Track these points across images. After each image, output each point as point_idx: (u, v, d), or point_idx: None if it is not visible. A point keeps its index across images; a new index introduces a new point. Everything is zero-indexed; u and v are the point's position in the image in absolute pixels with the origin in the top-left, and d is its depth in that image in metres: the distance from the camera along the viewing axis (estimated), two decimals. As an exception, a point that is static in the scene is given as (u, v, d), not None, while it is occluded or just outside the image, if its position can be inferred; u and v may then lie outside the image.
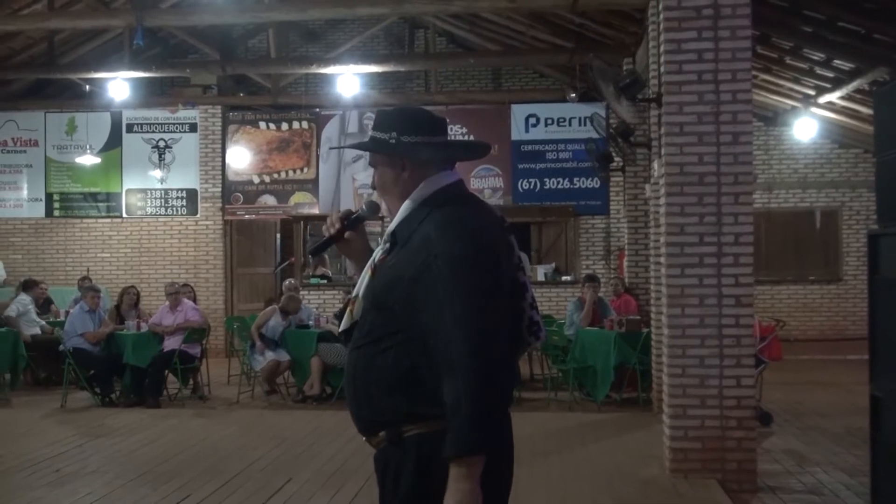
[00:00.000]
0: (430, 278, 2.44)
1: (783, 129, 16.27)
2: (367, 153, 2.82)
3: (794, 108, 15.07)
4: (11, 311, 12.00)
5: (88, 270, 15.70)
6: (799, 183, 16.76)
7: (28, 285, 12.91)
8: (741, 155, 6.86)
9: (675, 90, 6.94)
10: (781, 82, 14.07)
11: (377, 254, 2.69)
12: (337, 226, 2.81)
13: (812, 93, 13.81)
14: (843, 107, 14.12)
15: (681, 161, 6.91)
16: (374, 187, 2.78)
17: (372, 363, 2.57)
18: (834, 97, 13.26)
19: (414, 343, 2.49)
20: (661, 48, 7.12)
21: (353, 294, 2.69)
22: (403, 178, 2.68)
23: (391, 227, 2.66)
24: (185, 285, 13.03)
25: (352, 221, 2.83)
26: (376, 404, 2.56)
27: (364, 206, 2.86)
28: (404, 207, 2.65)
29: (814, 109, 14.56)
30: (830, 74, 12.61)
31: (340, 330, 2.70)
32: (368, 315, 2.62)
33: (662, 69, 7.13)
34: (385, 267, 2.61)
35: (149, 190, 16.43)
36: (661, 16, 7.10)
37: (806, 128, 15.11)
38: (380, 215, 2.88)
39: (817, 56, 12.06)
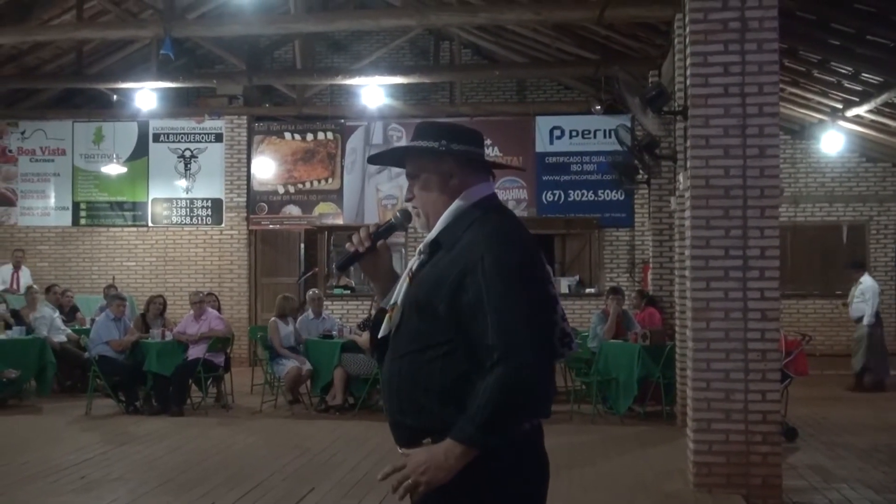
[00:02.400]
0: (476, 278, 2.47)
1: (810, 143, 16.16)
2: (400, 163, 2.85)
3: (821, 121, 14.97)
4: (43, 331, 12.06)
5: (114, 279, 15.81)
6: (826, 196, 16.63)
7: (46, 290, 13.12)
8: (768, 168, 6.81)
9: (701, 103, 6.91)
10: (809, 95, 13.99)
11: (413, 263, 2.70)
12: (367, 244, 2.80)
13: (840, 106, 13.72)
14: (872, 120, 14.03)
15: (706, 174, 6.88)
16: (408, 199, 2.78)
17: (419, 372, 2.57)
18: (862, 110, 13.17)
19: (461, 352, 2.50)
20: (688, 61, 7.10)
21: (392, 302, 2.69)
22: (451, 186, 2.70)
23: (433, 234, 2.68)
24: (210, 294, 13.10)
25: (384, 230, 2.82)
26: (424, 413, 2.55)
27: (398, 214, 2.84)
28: (447, 214, 2.67)
29: (841, 123, 14.47)
30: (858, 88, 12.53)
31: (380, 336, 2.69)
32: (410, 322, 2.62)
33: (689, 82, 7.11)
34: (427, 270, 2.63)
35: (174, 199, 16.54)
36: (688, 28, 7.07)
37: (833, 141, 15.02)
38: (411, 225, 2.86)
39: (845, 69, 11.99)
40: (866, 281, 13.15)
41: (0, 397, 11.05)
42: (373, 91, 15.05)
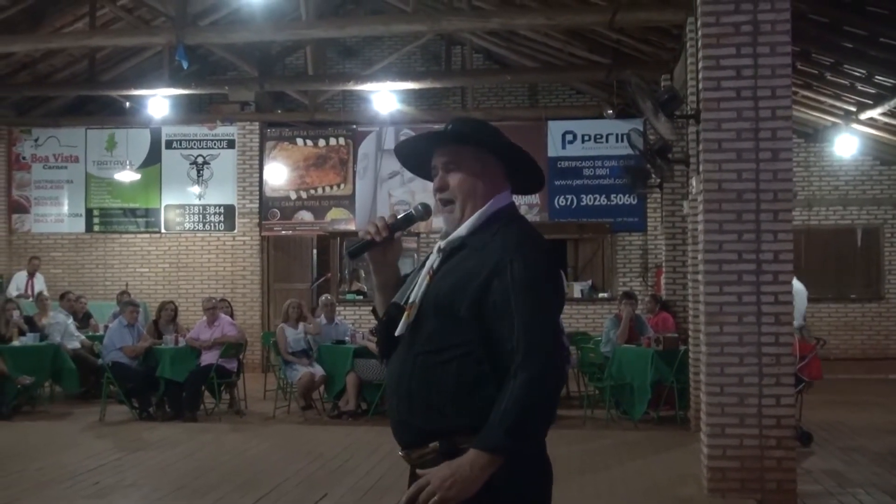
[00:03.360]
0: (504, 281, 2.48)
1: (823, 146, 16.09)
2: (437, 157, 2.77)
3: (834, 124, 14.91)
4: (56, 337, 12.12)
5: (127, 285, 15.84)
6: (840, 200, 16.55)
7: (61, 297, 13.18)
8: (781, 172, 6.79)
9: (713, 106, 6.89)
10: (822, 98, 13.94)
11: (434, 261, 2.67)
12: (384, 234, 2.77)
13: (853, 109, 13.66)
14: (886, 123, 13.96)
15: (719, 178, 6.86)
16: (440, 188, 2.72)
17: (432, 372, 2.54)
18: (875, 113, 13.10)
19: (477, 354, 2.49)
20: (700, 64, 7.08)
21: (410, 300, 2.64)
22: (484, 185, 2.69)
23: (460, 233, 2.65)
24: (223, 300, 13.13)
25: (403, 221, 2.78)
26: (434, 414, 2.52)
27: (419, 206, 2.81)
28: (478, 216, 2.65)
29: (855, 126, 14.40)
30: (872, 90, 12.47)
31: (397, 334, 2.66)
32: (427, 322, 2.58)
33: (701, 85, 7.09)
34: (449, 269, 2.61)
35: (187, 206, 16.58)
36: (700, 32, 7.05)
37: (847, 144, 14.95)
38: (429, 219, 2.84)
39: (858, 72, 11.94)
40: (795, 284, 13.04)
41: (14, 404, 11.07)
42: (384, 96, 15.07)
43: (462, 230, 2.65)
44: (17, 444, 9.34)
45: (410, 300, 2.64)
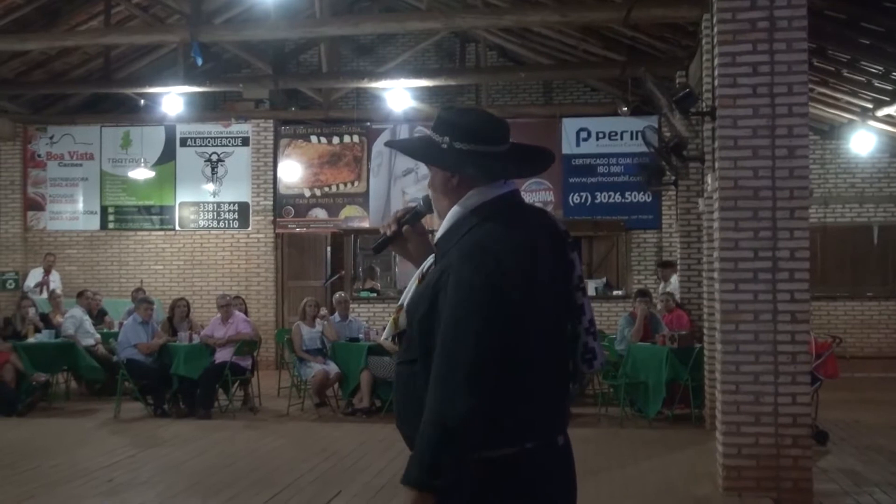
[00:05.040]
0: (445, 297, 2.33)
1: (839, 143, 16.00)
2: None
3: (851, 121, 14.82)
4: (70, 329, 12.19)
5: (142, 282, 15.89)
6: (856, 197, 16.45)
7: (79, 295, 13.22)
8: (797, 169, 6.75)
9: (729, 104, 6.85)
10: (838, 95, 13.86)
11: (427, 263, 2.59)
12: (394, 227, 2.73)
13: (870, 106, 13.58)
14: (903, 120, 13.88)
15: (735, 175, 6.82)
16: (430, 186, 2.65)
17: (407, 382, 2.46)
18: (892, 110, 13.01)
19: (424, 375, 2.35)
20: (716, 61, 7.04)
21: (400, 302, 2.58)
22: (452, 185, 2.53)
23: (437, 235, 2.55)
24: (237, 297, 13.16)
25: (411, 216, 2.74)
26: (412, 425, 2.38)
27: (422, 201, 2.74)
28: (450, 215, 2.50)
29: (871, 123, 14.32)
30: (889, 87, 12.39)
31: (382, 339, 2.62)
32: (410, 329, 2.49)
33: (717, 82, 7.05)
34: (429, 275, 2.50)
35: (201, 203, 16.61)
36: (716, 28, 7.02)
37: (864, 141, 14.87)
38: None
39: (875, 68, 11.86)
40: (675, 282, 13.00)
41: (29, 401, 11.12)
42: (398, 94, 15.06)
43: (439, 232, 2.54)
44: (32, 441, 9.37)
45: (400, 302, 2.58)
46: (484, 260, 2.31)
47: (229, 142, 16.59)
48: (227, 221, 16.57)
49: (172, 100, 15.35)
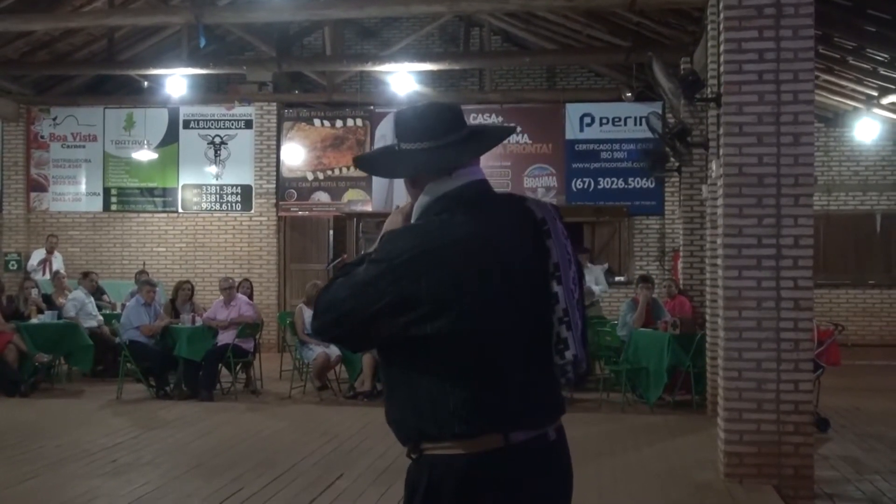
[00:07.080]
0: None
1: (843, 131, 15.98)
2: None
3: (855, 108, 14.79)
4: (70, 311, 12.21)
5: (144, 264, 15.89)
6: (860, 185, 16.44)
7: (83, 276, 13.26)
8: (802, 156, 6.73)
9: (734, 90, 6.83)
10: (843, 83, 13.83)
11: None
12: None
13: (875, 94, 13.55)
14: (908, 108, 13.86)
15: (740, 162, 6.80)
16: None
17: (386, 373, 2.53)
18: (897, 98, 13.02)
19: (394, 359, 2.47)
20: (721, 47, 7.02)
21: None
22: (411, 184, 2.52)
23: None
24: (245, 280, 13.23)
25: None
26: (393, 417, 2.53)
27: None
28: (413, 214, 2.48)
29: (876, 110, 14.30)
30: (894, 75, 12.37)
31: None
32: None
33: (722, 69, 7.02)
34: None
35: (204, 185, 16.62)
36: (722, 14, 6.99)
37: (868, 129, 14.85)
38: None
39: (881, 56, 11.84)
40: (598, 272, 13.16)
41: (32, 381, 11.15)
42: (402, 78, 15.03)
43: None
44: (36, 422, 9.41)
45: None
46: (403, 235, 2.39)
47: (232, 124, 16.58)
48: (229, 204, 16.57)
49: (176, 82, 15.32)
